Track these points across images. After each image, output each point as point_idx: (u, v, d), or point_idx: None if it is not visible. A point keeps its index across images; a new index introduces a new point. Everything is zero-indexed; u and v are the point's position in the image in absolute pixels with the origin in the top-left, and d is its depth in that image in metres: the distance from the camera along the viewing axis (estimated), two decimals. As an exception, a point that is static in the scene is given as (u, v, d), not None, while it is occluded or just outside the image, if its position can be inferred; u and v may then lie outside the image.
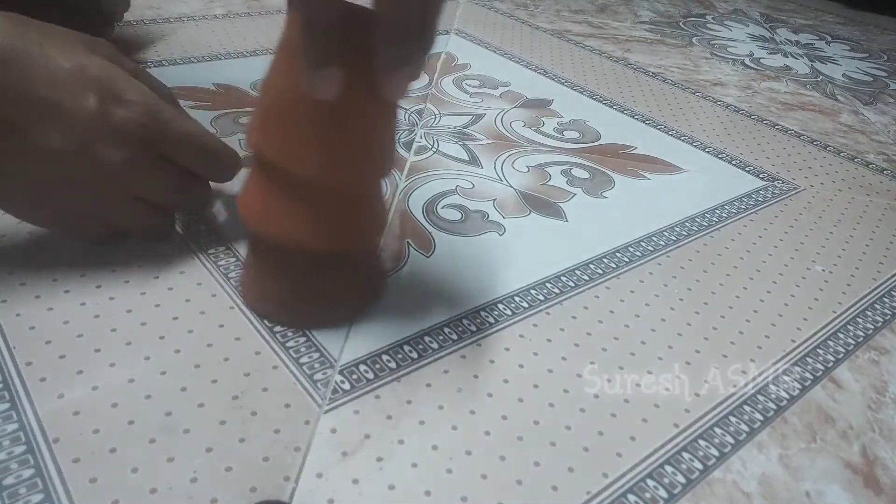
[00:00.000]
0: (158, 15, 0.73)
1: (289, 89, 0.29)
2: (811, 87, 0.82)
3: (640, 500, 0.29)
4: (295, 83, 0.29)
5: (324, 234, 0.32)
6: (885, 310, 0.44)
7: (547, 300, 0.39)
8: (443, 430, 0.31)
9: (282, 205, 0.32)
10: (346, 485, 0.28)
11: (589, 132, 0.62)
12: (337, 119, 0.30)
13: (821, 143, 0.67)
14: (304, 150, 0.30)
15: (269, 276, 0.35)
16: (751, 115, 0.71)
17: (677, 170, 0.57)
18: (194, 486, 0.27)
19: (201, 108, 0.55)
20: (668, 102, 0.71)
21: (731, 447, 0.32)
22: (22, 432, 0.28)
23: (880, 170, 0.63)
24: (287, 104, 0.30)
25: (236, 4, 0.79)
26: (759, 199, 0.54)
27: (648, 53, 0.85)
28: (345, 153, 0.31)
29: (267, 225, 0.32)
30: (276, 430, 0.29)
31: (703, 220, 0.50)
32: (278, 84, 0.30)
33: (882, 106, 0.80)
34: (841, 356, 0.39)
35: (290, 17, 0.29)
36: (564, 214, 0.48)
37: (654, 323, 0.39)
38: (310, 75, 0.28)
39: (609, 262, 0.44)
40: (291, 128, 0.30)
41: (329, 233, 0.33)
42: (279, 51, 0.30)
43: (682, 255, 0.46)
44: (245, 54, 0.66)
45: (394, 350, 0.34)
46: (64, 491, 0.26)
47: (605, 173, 0.55)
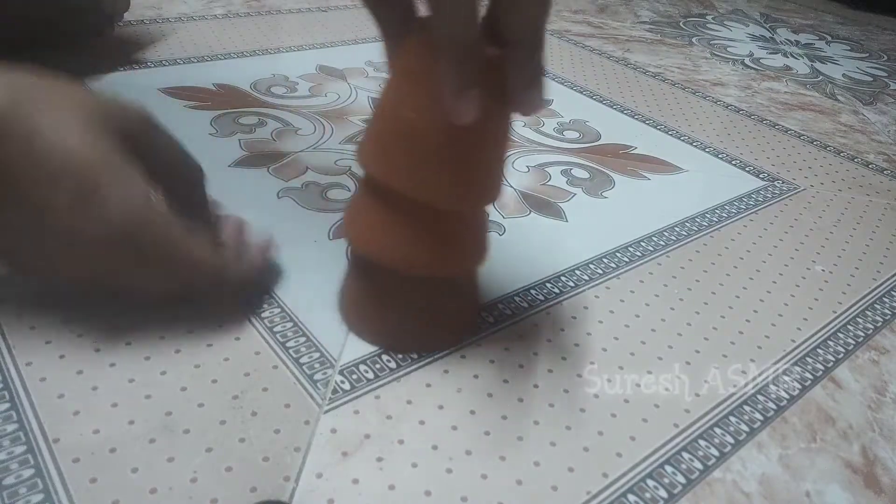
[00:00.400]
0: (158, 15, 0.73)
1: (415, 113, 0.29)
2: (811, 87, 0.82)
3: (640, 500, 0.29)
4: (421, 108, 0.28)
5: (436, 259, 0.32)
6: (885, 310, 0.44)
7: (547, 300, 0.39)
8: (443, 430, 0.31)
9: (396, 229, 0.31)
10: (346, 485, 0.28)
11: (589, 132, 0.62)
12: (469, 142, 0.29)
13: (821, 143, 0.67)
14: (430, 175, 0.30)
15: (372, 298, 0.34)
16: (751, 115, 0.71)
17: (677, 170, 0.57)
18: (194, 486, 0.27)
19: (201, 108, 0.55)
20: (668, 102, 0.71)
21: (731, 447, 0.32)
22: (22, 432, 0.28)
23: (880, 170, 0.63)
24: (413, 130, 0.29)
25: (236, 4, 0.79)
26: (759, 199, 0.54)
27: (648, 53, 0.85)
28: (471, 177, 0.31)
29: (377, 248, 0.32)
30: (276, 430, 0.29)
31: (703, 220, 0.50)
32: (401, 108, 0.29)
33: (882, 106, 0.80)
34: (841, 356, 0.39)
35: (411, 42, 0.29)
36: (564, 214, 0.48)
37: (654, 323, 0.39)
38: (449, 100, 0.27)
39: (609, 262, 0.44)
40: (418, 153, 0.29)
41: (442, 258, 0.32)
42: (398, 75, 0.30)
43: (682, 255, 0.46)
44: (245, 54, 0.66)
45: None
46: (64, 491, 0.26)
47: (605, 173, 0.55)
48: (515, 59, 0.27)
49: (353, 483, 0.28)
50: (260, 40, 0.70)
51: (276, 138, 0.52)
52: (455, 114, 0.27)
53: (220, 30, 0.72)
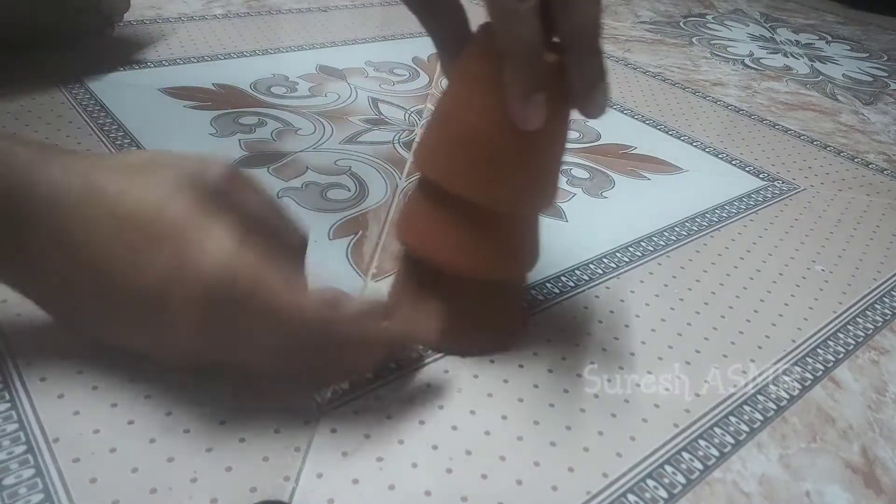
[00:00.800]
0: (158, 15, 0.73)
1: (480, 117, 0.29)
2: (811, 87, 0.82)
3: (640, 500, 0.29)
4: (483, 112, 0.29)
5: (493, 261, 0.32)
6: (885, 310, 0.44)
7: (547, 300, 0.39)
8: (443, 430, 0.31)
9: (453, 231, 0.31)
10: (346, 485, 0.28)
11: (589, 132, 0.62)
12: (530, 146, 0.29)
13: (821, 143, 0.67)
14: (490, 178, 0.30)
15: (425, 298, 0.34)
16: (751, 115, 0.71)
17: (677, 170, 0.57)
18: (194, 486, 0.27)
19: (201, 108, 0.55)
20: (668, 102, 0.71)
21: (731, 447, 0.32)
22: (22, 432, 0.28)
23: (880, 170, 0.63)
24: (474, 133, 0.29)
25: (236, 4, 0.79)
26: (759, 199, 0.54)
27: (648, 53, 0.85)
28: (530, 180, 0.31)
29: (434, 250, 0.32)
30: (276, 430, 0.29)
31: (703, 220, 0.50)
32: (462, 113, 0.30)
33: (882, 106, 0.80)
34: (841, 356, 0.39)
35: (471, 48, 0.29)
36: (564, 214, 0.48)
37: (654, 323, 0.39)
38: (516, 106, 0.27)
39: (609, 262, 0.44)
40: (479, 156, 0.30)
41: (499, 261, 0.33)
42: (458, 81, 0.30)
43: (682, 255, 0.46)
44: (245, 54, 0.66)
45: (394, 350, 0.34)
46: (64, 491, 0.26)
47: (605, 173, 0.55)
48: (575, 63, 0.27)
49: (353, 483, 0.28)
50: (260, 40, 0.70)
51: (276, 138, 0.52)
52: (522, 119, 0.27)
53: (220, 30, 0.72)
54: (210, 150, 0.48)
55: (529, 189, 0.31)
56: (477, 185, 0.30)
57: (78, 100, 0.52)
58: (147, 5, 0.74)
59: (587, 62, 0.27)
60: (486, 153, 0.30)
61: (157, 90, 0.56)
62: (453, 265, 0.32)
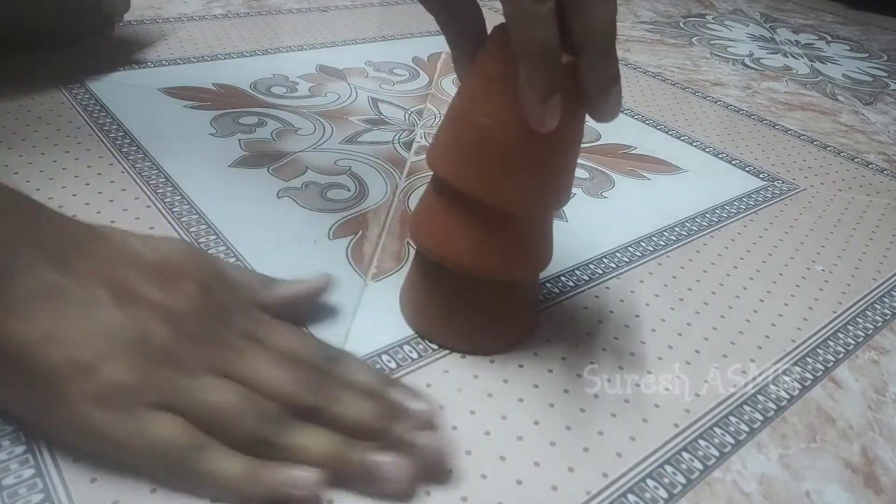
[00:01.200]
0: (158, 15, 0.73)
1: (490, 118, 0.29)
2: (811, 87, 0.82)
3: (640, 500, 0.29)
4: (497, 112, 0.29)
5: (506, 262, 0.32)
6: (885, 310, 0.44)
7: (547, 300, 0.39)
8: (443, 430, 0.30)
9: (466, 231, 0.31)
10: (346, 485, 0.28)
11: (589, 132, 0.62)
12: (544, 147, 0.29)
13: (821, 143, 0.67)
14: (504, 178, 0.30)
15: (438, 298, 0.34)
16: (751, 115, 0.71)
17: (677, 170, 0.57)
18: (194, 486, 0.27)
19: (201, 108, 0.55)
20: (668, 102, 0.71)
21: (731, 447, 0.32)
22: (22, 432, 0.28)
23: (880, 170, 0.63)
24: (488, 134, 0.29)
25: (236, 4, 0.79)
26: (759, 199, 0.54)
27: (648, 53, 0.85)
28: (544, 181, 0.31)
29: (447, 249, 0.32)
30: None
31: (703, 220, 0.50)
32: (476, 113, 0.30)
33: (882, 106, 0.80)
34: (841, 356, 0.39)
35: (487, 48, 0.29)
36: (564, 214, 0.48)
37: (654, 323, 0.39)
38: (532, 107, 0.27)
39: (609, 262, 0.44)
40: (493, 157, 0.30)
41: (512, 261, 0.33)
42: (472, 81, 0.30)
43: (682, 255, 0.46)
44: (245, 54, 0.66)
45: (394, 350, 0.34)
46: (64, 491, 0.26)
47: (605, 173, 0.55)
48: (589, 65, 0.27)
49: (353, 483, 0.28)
50: (260, 40, 0.70)
51: (276, 138, 0.52)
52: (538, 120, 0.27)
53: (220, 30, 0.72)
54: (210, 150, 0.49)
55: (543, 190, 0.31)
56: (490, 185, 0.30)
57: (78, 100, 0.53)
58: (147, 5, 0.75)
59: (601, 65, 0.27)
60: (500, 154, 0.30)
61: (157, 90, 0.56)
62: (462, 264, 0.32)
